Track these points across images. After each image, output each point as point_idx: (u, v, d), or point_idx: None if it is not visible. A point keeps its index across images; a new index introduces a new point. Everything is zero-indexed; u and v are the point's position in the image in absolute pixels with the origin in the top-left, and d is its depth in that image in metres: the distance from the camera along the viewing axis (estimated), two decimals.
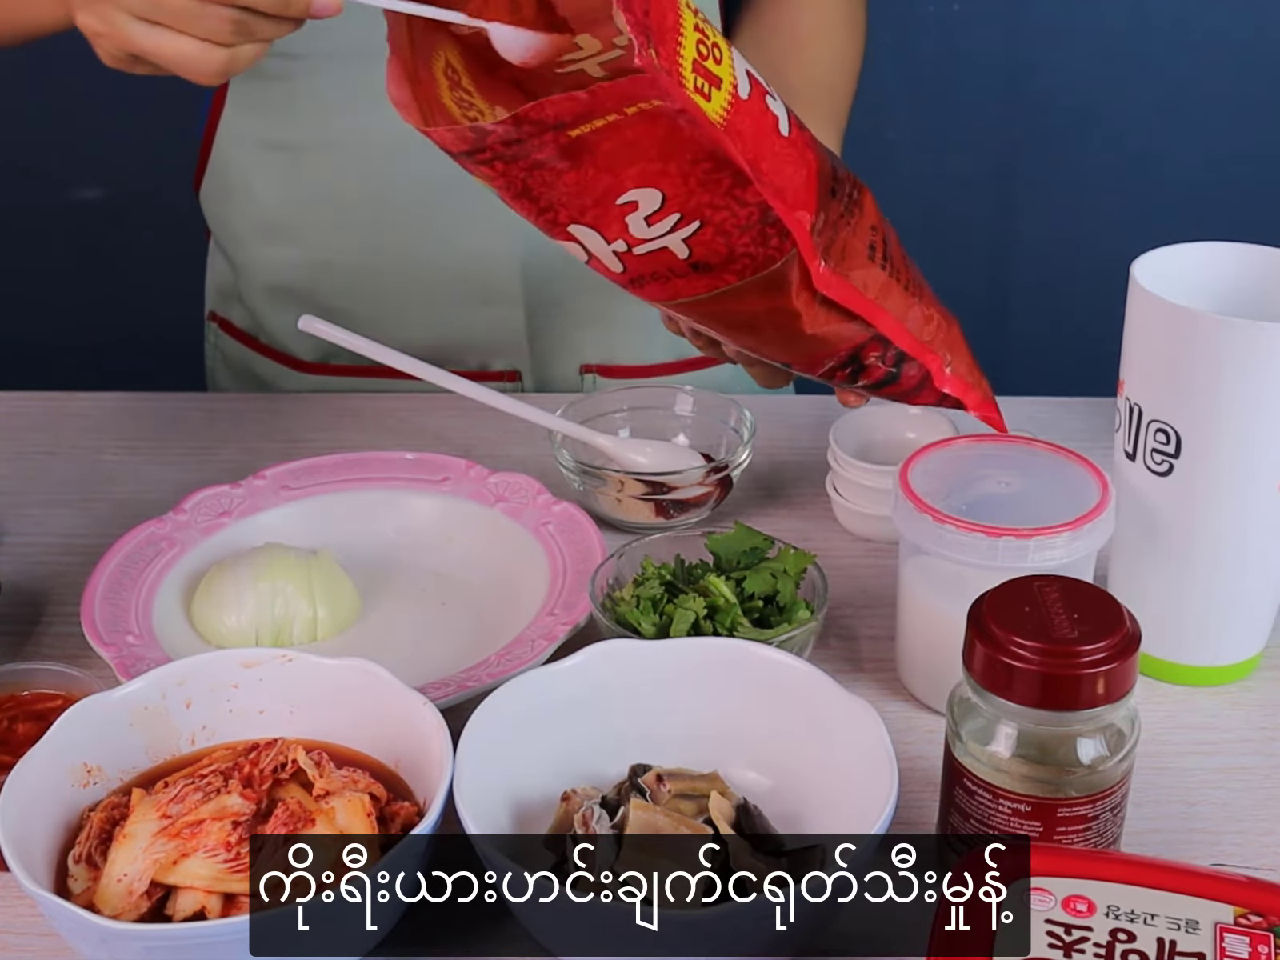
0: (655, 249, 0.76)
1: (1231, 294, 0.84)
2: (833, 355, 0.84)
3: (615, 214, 0.74)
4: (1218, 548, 0.83)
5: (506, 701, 0.73)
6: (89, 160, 2.13)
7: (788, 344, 0.84)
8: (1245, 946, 0.56)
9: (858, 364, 0.85)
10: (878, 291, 0.83)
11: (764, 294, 0.79)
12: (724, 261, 0.77)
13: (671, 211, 0.74)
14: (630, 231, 0.75)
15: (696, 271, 0.77)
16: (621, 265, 0.77)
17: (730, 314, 0.81)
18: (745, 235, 0.75)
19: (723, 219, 0.75)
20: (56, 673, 0.80)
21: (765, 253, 0.77)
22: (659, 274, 0.78)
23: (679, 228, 0.74)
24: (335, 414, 1.17)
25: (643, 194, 0.73)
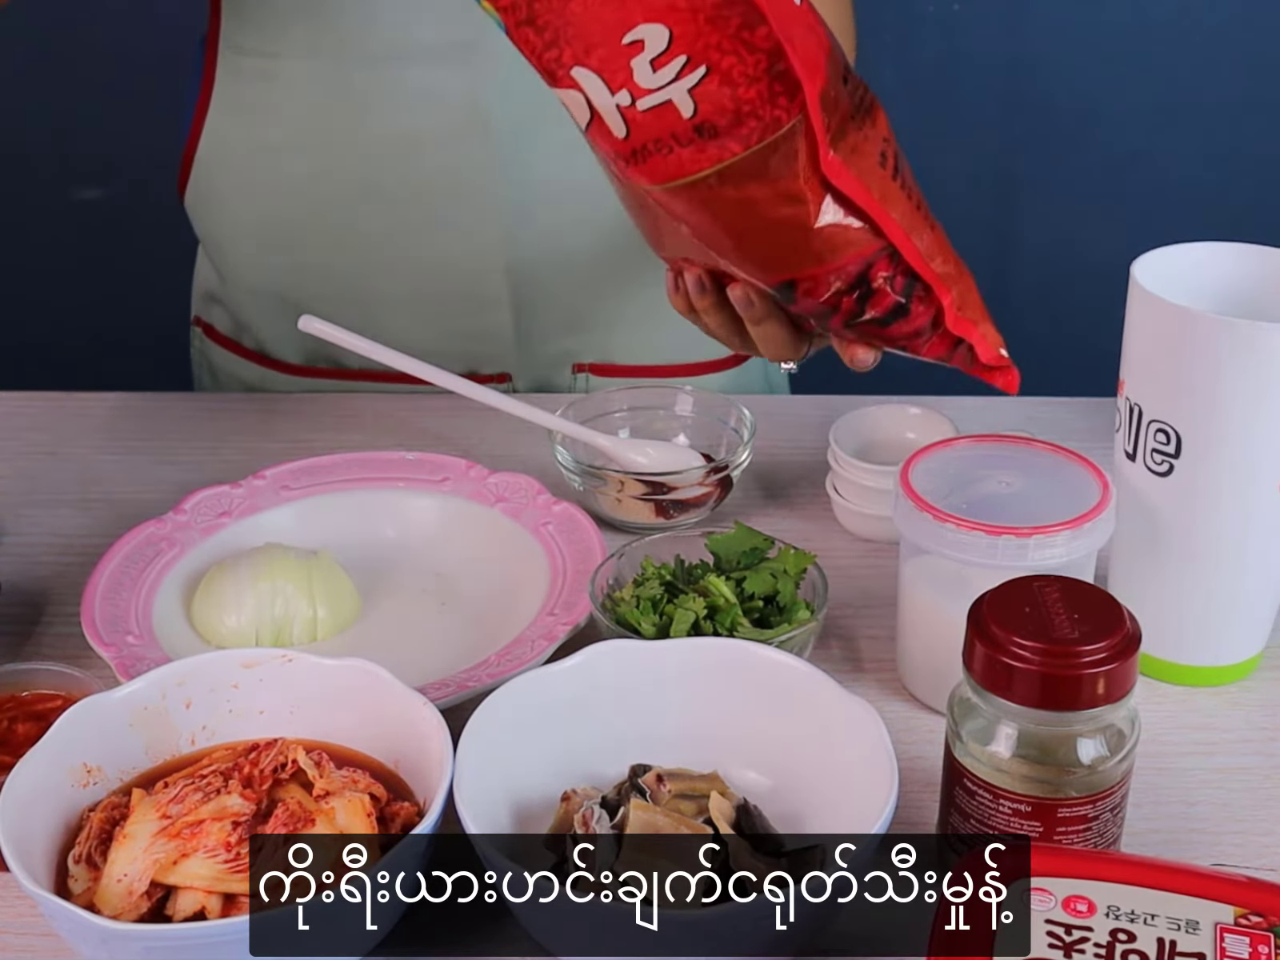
0: (659, 103, 0.72)
1: (1231, 294, 0.84)
2: (839, 272, 0.78)
3: (621, 54, 0.71)
4: (1218, 548, 0.83)
5: (506, 701, 0.73)
6: (89, 160, 2.14)
7: (792, 247, 0.77)
8: (1245, 946, 0.56)
9: (866, 286, 0.79)
10: (887, 198, 0.77)
11: (766, 174, 0.74)
12: (730, 123, 0.72)
13: (678, 53, 0.70)
14: (635, 78, 0.72)
15: (701, 137, 0.73)
16: (625, 127, 0.73)
17: (733, 208, 0.76)
18: (752, 89, 0.71)
19: (730, 65, 0.71)
20: (56, 673, 0.80)
21: (772, 113, 0.72)
22: (662, 142, 0.73)
23: (684, 74, 0.71)
24: (335, 414, 1.17)
25: (650, 30, 0.70)
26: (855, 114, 0.76)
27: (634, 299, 1.23)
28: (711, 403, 1.08)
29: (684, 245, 0.82)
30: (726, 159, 0.73)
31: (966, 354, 0.83)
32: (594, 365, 1.25)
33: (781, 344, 0.87)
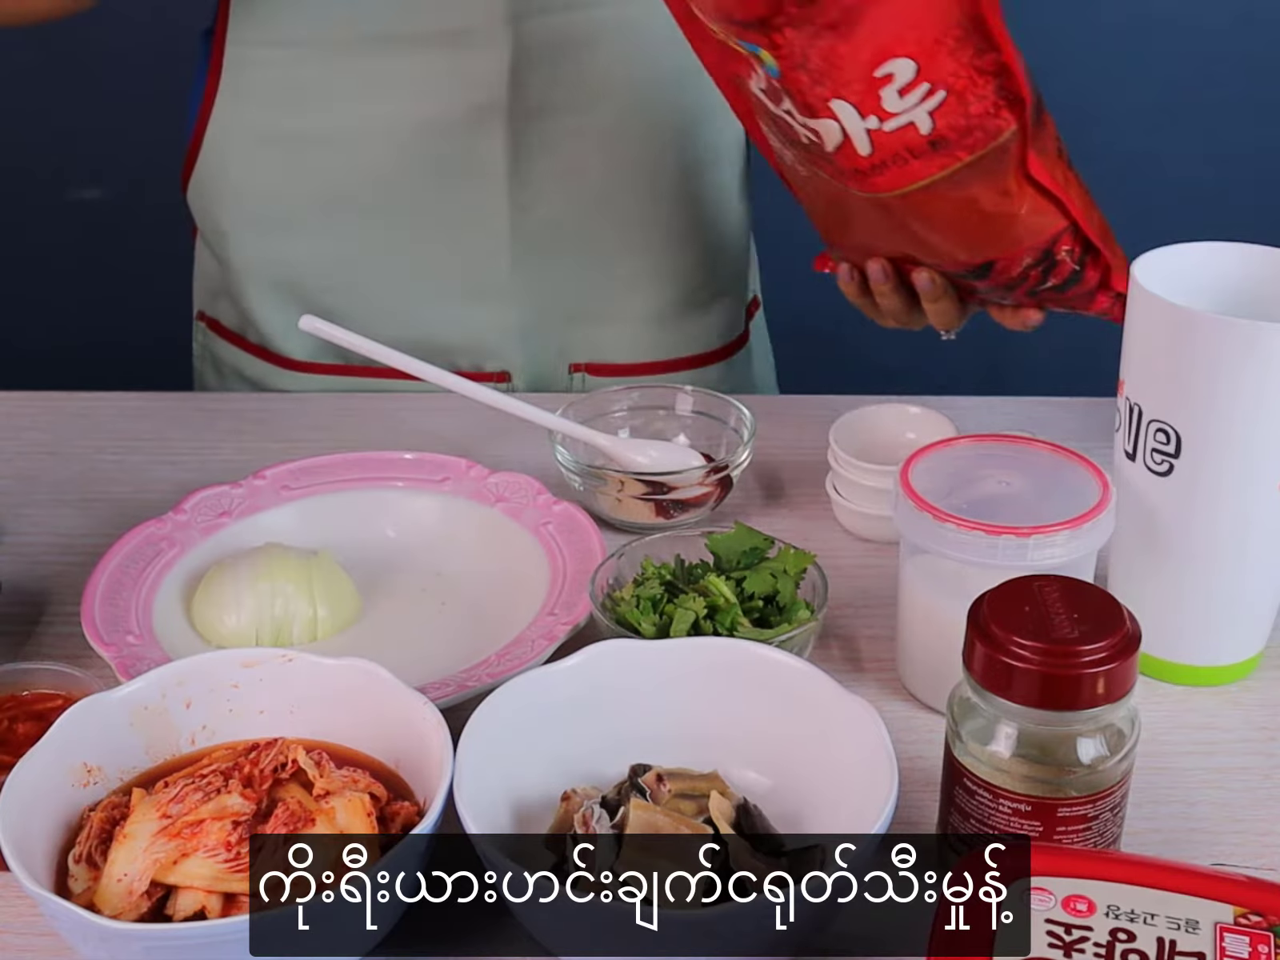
0: (903, 124, 0.83)
1: (1231, 294, 0.84)
2: (1031, 249, 0.90)
3: (874, 86, 0.82)
4: (1218, 548, 0.83)
5: (506, 701, 0.73)
6: (88, 160, 2.14)
7: (999, 234, 0.89)
8: (1245, 946, 0.56)
9: (1050, 259, 0.90)
10: (1067, 184, 0.89)
11: (984, 175, 0.86)
12: (959, 135, 0.84)
13: (922, 81, 0.82)
14: (883, 105, 0.82)
15: (934, 150, 0.84)
16: (870, 147, 0.84)
17: (948, 205, 0.87)
18: (980, 105, 0.83)
19: (963, 88, 0.82)
20: (56, 673, 0.80)
21: (995, 124, 0.84)
22: (899, 156, 0.85)
23: (926, 99, 0.82)
24: (335, 414, 1.17)
25: (899, 64, 0.81)
26: (1038, 116, 0.88)
27: (629, 295, 1.23)
28: (711, 403, 1.08)
29: (878, 239, 0.95)
30: (952, 165, 0.85)
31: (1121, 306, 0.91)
32: (590, 365, 1.25)
33: (952, 315, 1.00)
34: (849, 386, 1.19)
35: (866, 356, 2.17)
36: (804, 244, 1.75)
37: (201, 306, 1.31)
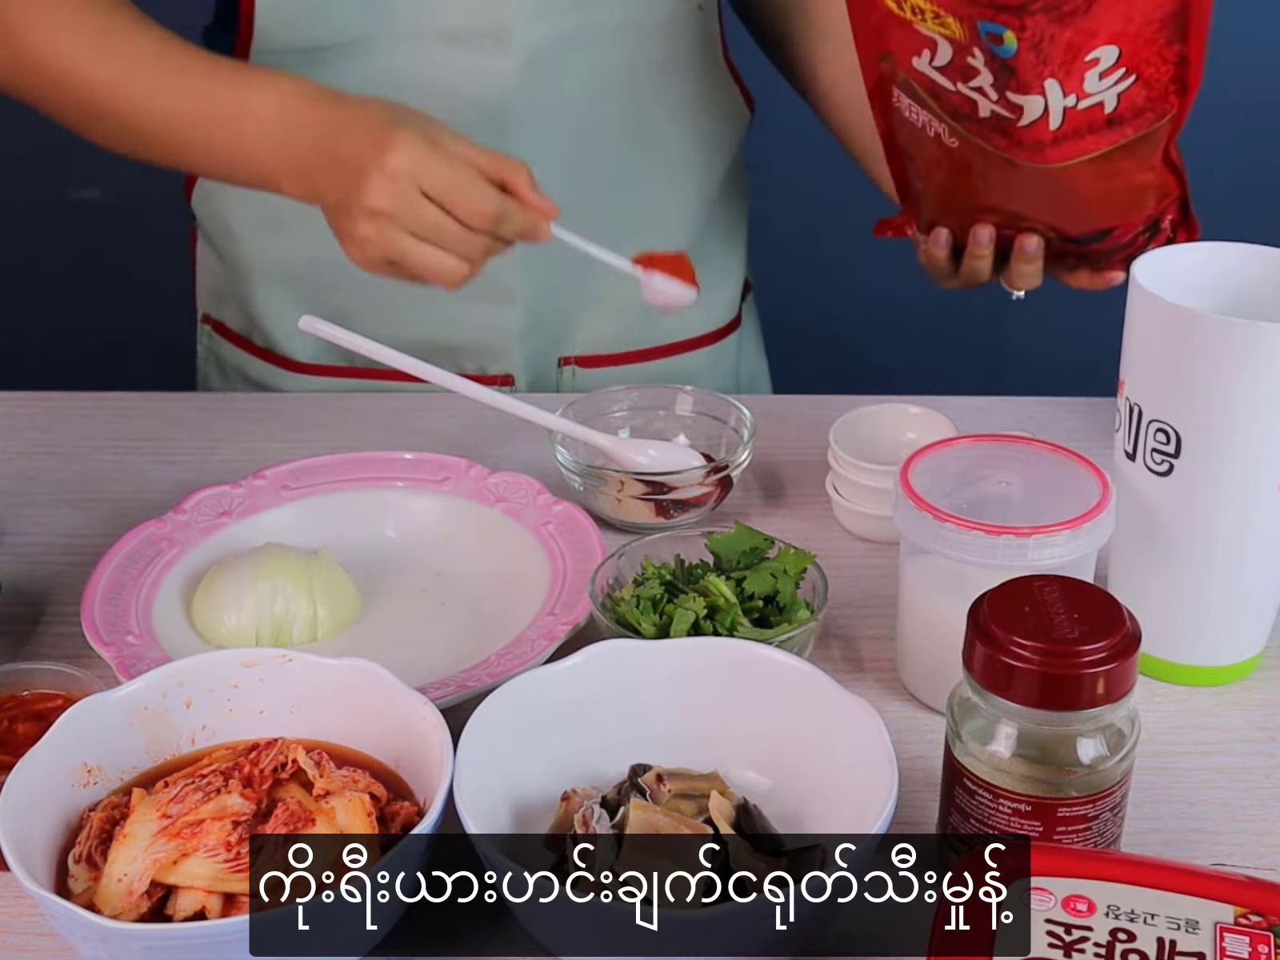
0: (1093, 103, 0.90)
1: (1231, 294, 0.84)
2: (1146, 218, 0.97)
3: (1081, 69, 0.88)
4: (1218, 548, 0.83)
5: (506, 701, 0.73)
6: (88, 160, 2.13)
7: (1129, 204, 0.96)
8: (1245, 946, 0.56)
9: (1156, 227, 0.98)
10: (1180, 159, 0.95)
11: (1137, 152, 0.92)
12: (1134, 114, 0.90)
13: (1120, 67, 0.88)
14: (1084, 86, 0.89)
15: (1110, 127, 0.91)
16: (1061, 120, 0.91)
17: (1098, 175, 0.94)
18: (1157, 90, 0.90)
19: (1150, 74, 0.89)
20: (56, 673, 0.80)
21: (1163, 106, 0.90)
22: (1079, 131, 0.91)
23: (1120, 81, 0.89)
24: (335, 414, 1.17)
25: (1106, 50, 0.87)
26: None
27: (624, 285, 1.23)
28: (711, 403, 1.08)
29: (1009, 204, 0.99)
30: (1119, 141, 0.92)
31: None
32: (579, 358, 1.25)
33: (1038, 277, 1.04)
34: (849, 386, 1.19)
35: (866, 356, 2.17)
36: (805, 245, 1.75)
37: (206, 309, 1.31)
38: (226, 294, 1.27)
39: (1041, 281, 1.05)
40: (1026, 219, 1.01)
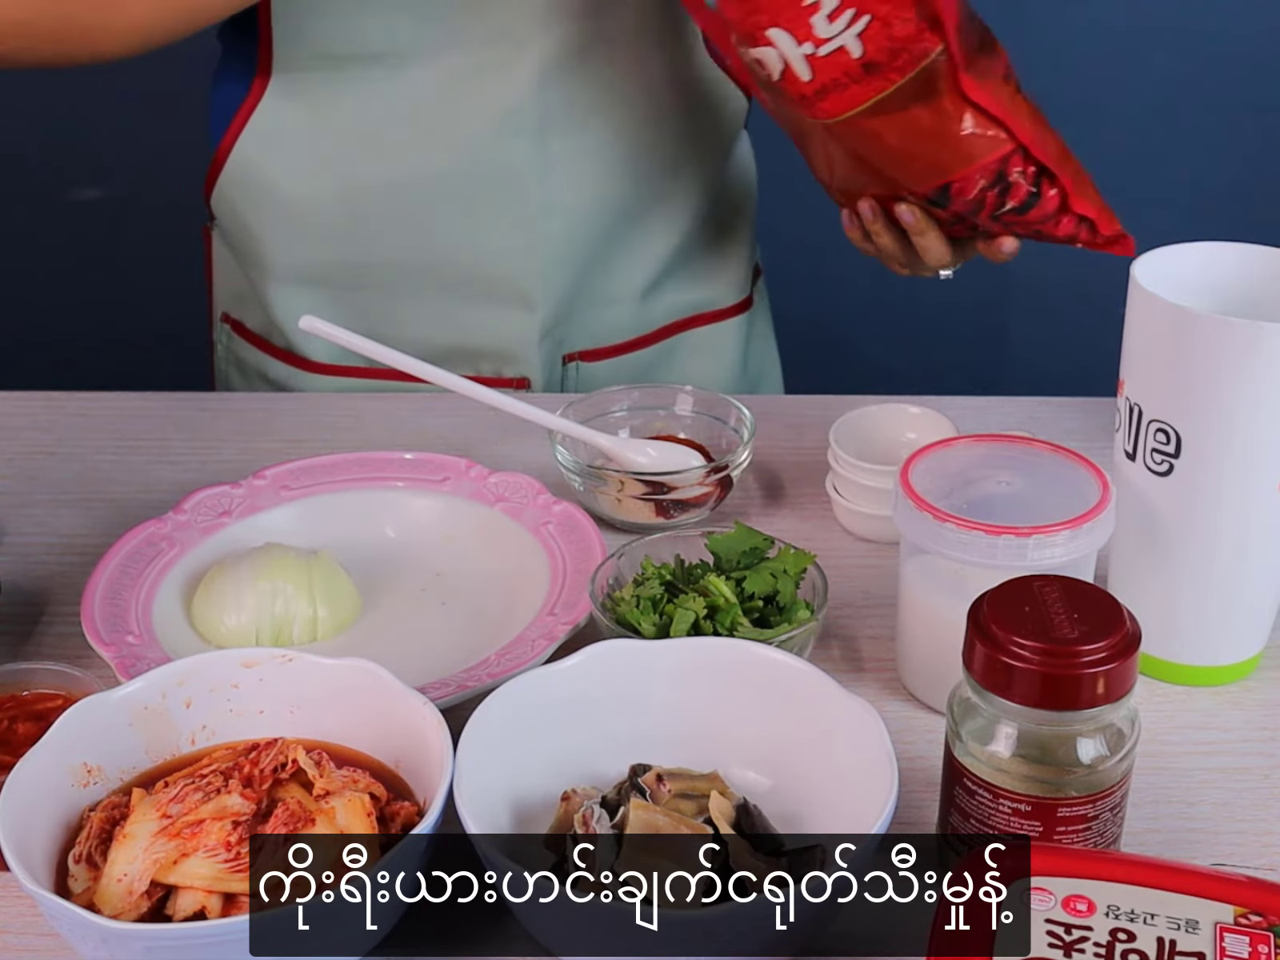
0: (835, 49, 0.91)
1: (1231, 294, 0.84)
2: (984, 169, 0.95)
3: (803, 13, 0.91)
4: (1218, 548, 0.83)
5: (506, 701, 0.73)
6: (89, 160, 2.14)
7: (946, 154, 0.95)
8: (1245, 946, 0.56)
9: (1004, 181, 0.96)
10: (1015, 108, 0.95)
11: (920, 97, 0.93)
12: (888, 57, 0.91)
13: (848, 7, 0.90)
14: (815, 31, 0.91)
15: (867, 73, 0.92)
16: (810, 72, 0.93)
17: (893, 128, 0.94)
18: (904, 28, 0.90)
19: (886, 12, 0.90)
20: (56, 673, 0.80)
21: (920, 46, 0.91)
22: (838, 80, 0.93)
23: (853, 23, 0.90)
24: (335, 414, 1.17)
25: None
26: (981, 46, 0.95)
27: (630, 278, 1.24)
28: (711, 403, 1.08)
29: (855, 173, 1.01)
30: (888, 88, 0.92)
31: (1090, 230, 1.00)
32: (582, 353, 1.25)
33: (940, 251, 1.04)
34: (849, 386, 1.20)
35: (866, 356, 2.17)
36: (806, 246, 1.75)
37: (225, 308, 1.31)
38: (246, 293, 1.27)
39: (955, 259, 1.06)
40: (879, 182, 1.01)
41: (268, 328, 1.26)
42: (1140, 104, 2.10)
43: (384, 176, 1.16)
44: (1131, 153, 2.08)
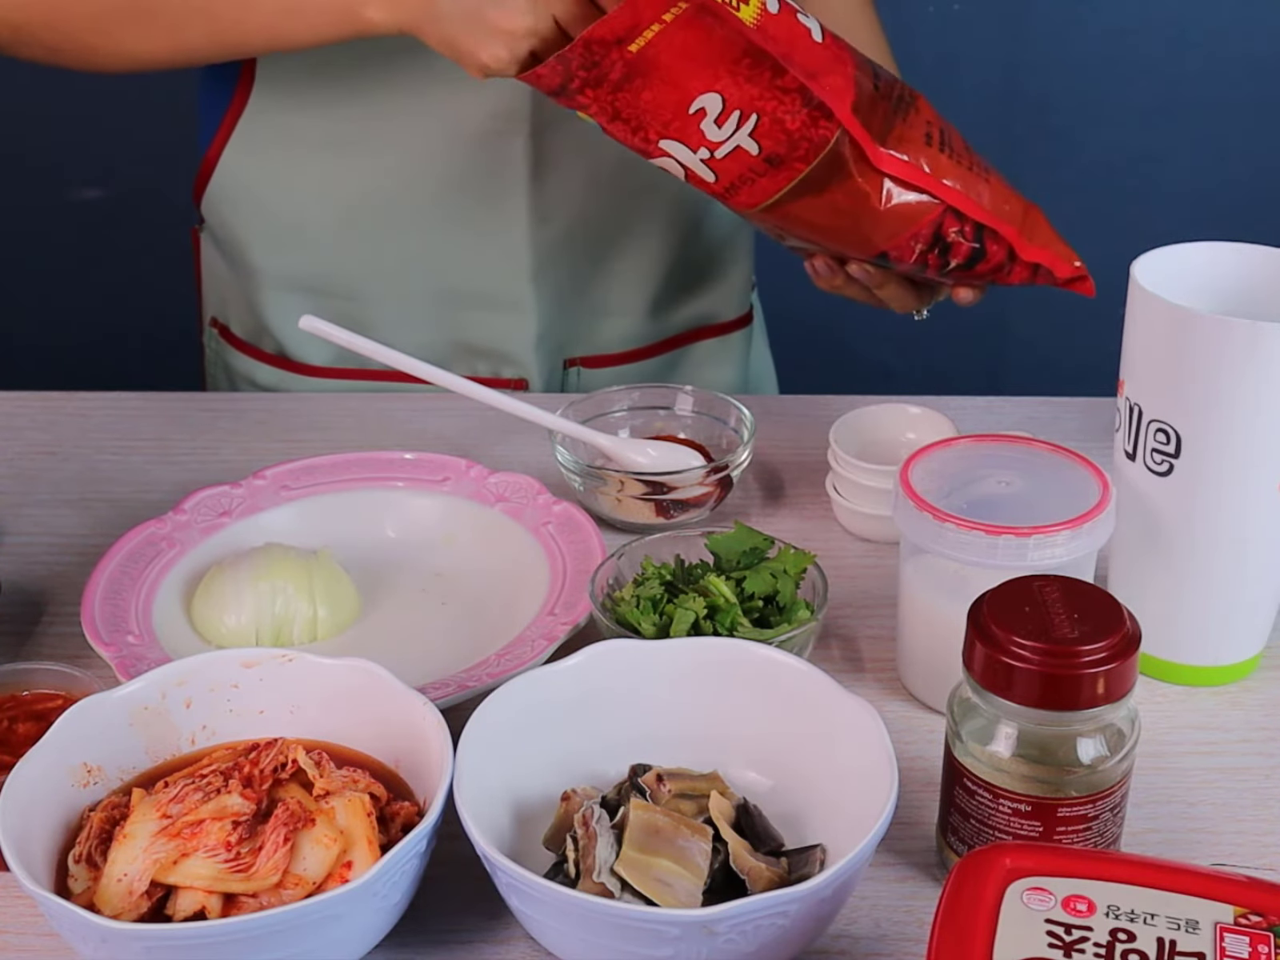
0: (732, 149, 0.90)
1: (1231, 294, 0.84)
2: (916, 235, 0.94)
3: (691, 122, 0.89)
4: (1218, 548, 0.83)
5: (506, 701, 0.73)
6: (89, 160, 2.14)
7: (872, 229, 0.94)
8: (1245, 946, 0.56)
9: (942, 242, 0.94)
10: (938, 169, 0.93)
11: (832, 179, 0.91)
12: (788, 149, 0.90)
13: (732, 109, 0.88)
14: (707, 137, 0.89)
15: (771, 166, 0.90)
16: (713, 174, 0.91)
17: (815, 210, 0.93)
18: (796, 120, 0.89)
19: (773, 108, 0.88)
20: (56, 673, 0.80)
21: (818, 134, 0.89)
22: (744, 176, 0.91)
23: (742, 124, 0.89)
24: (335, 414, 1.17)
25: (707, 99, 0.88)
26: (896, 109, 0.93)
27: (632, 286, 1.24)
28: (711, 403, 1.08)
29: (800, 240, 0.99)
30: (795, 177, 0.91)
31: (1047, 274, 0.97)
32: (584, 358, 1.25)
33: (905, 298, 1.02)
34: (849, 386, 1.20)
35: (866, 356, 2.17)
36: None
37: (213, 313, 1.31)
38: (235, 298, 1.27)
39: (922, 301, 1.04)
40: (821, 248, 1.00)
41: (257, 333, 1.26)
42: (1140, 104, 2.10)
43: (372, 182, 1.16)
44: (1131, 153, 2.08)
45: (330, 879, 0.67)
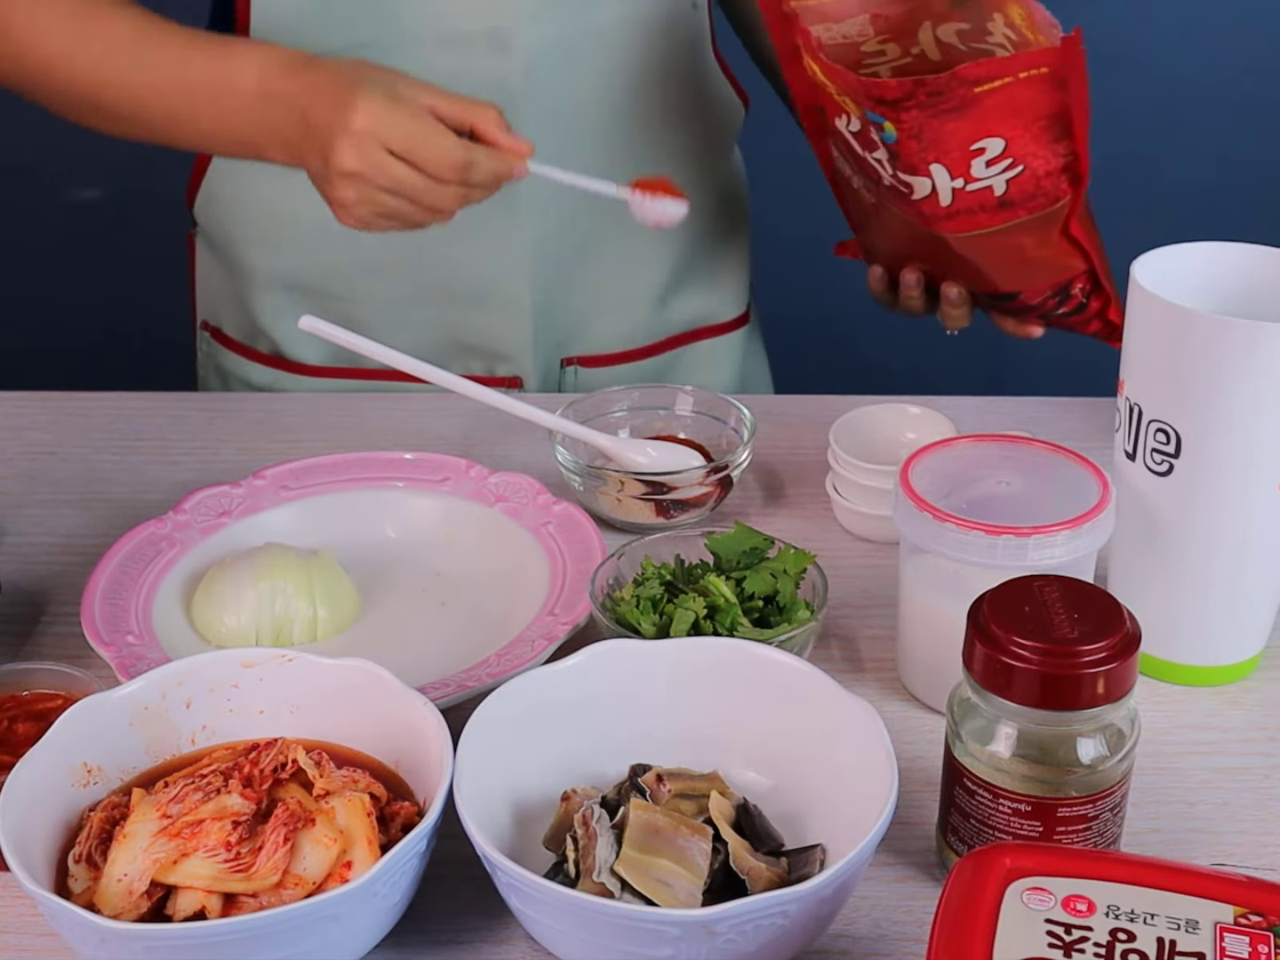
0: (982, 187, 0.98)
1: (1231, 294, 0.84)
2: (1053, 285, 1.05)
3: (967, 157, 0.96)
4: (1218, 548, 0.83)
5: (506, 701, 0.73)
6: (88, 160, 2.14)
7: (1032, 275, 1.05)
8: (1245, 946, 0.56)
9: (1066, 294, 1.06)
10: (1092, 235, 1.05)
11: (1034, 229, 1.00)
12: (1025, 199, 0.98)
13: (1008, 156, 0.96)
14: (971, 172, 0.97)
15: (1001, 208, 0.99)
16: (951, 199, 0.99)
17: (998, 247, 1.02)
18: (1048, 180, 0.98)
19: (1039, 165, 0.97)
20: (56, 673, 0.80)
21: (1055, 193, 0.99)
22: (971, 209, 0.99)
23: (1008, 170, 0.97)
24: (335, 414, 1.17)
25: (991, 141, 0.95)
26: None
27: (627, 285, 1.23)
28: (711, 403, 1.08)
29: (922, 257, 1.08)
30: (1012, 220, 1.00)
31: (1109, 329, 1.09)
32: (581, 358, 1.25)
33: (966, 320, 1.12)
34: (849, 386, 1.20)
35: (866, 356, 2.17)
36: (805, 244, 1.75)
37: (205, 316, 1.30)
38: (229, 299, 1.26)
39: (970, 323, 1.12)
40: (944, 273, 1.09)
41: (251, 334, 1.26)
42: (1140, 104, 2.10)
43: None
44: (1131, 153, 2.08)
45: (330, 879, 0.67)
